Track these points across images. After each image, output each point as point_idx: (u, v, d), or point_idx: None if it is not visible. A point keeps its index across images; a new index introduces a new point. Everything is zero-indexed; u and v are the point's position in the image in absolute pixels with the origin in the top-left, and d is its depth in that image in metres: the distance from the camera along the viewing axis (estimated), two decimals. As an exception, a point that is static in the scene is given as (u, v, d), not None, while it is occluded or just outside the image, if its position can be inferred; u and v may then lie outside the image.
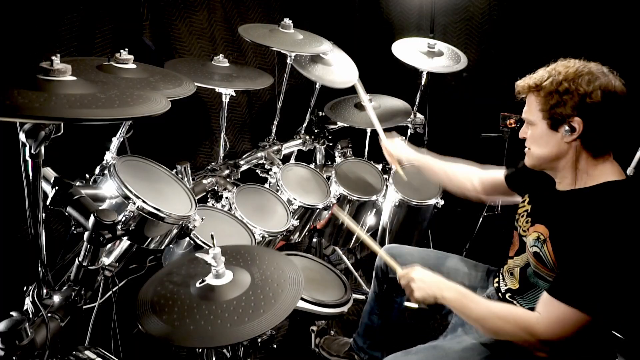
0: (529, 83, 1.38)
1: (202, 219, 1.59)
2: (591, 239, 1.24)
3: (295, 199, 2.15)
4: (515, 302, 1.52)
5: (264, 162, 2.46)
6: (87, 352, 1.36)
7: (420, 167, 1.92)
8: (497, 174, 1.79)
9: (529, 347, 1.31)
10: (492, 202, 1.86)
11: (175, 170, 1.84)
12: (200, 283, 1.24)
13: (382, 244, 2.32)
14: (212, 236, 1.25)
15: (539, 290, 1.43)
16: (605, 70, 1.33)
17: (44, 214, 1.22)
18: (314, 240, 2.72)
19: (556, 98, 1.30)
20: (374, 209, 2.47)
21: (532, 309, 1.43)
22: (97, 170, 1.65)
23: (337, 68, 2.57)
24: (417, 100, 2.74)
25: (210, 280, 1.24)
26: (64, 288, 1.34)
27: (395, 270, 1.62)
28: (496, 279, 1.66)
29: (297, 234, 2.26)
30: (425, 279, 1.50)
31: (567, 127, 1.30)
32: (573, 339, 1.26)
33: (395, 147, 2.05)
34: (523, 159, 1.56)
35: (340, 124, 2.76)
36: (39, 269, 1.26)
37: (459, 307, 1.43)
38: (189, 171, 1.96)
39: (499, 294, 1.60)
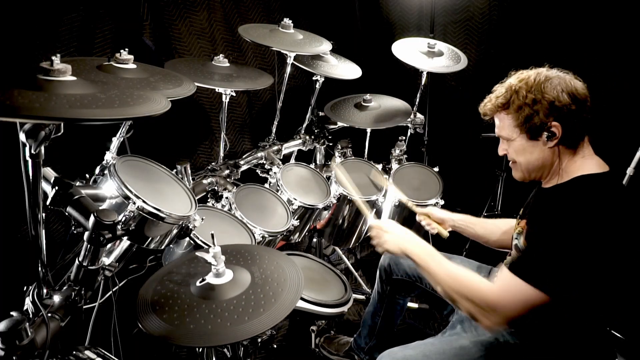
0: (495, 104, 1.42)
1: (202, 219, 1.59)
2: (554, 224, 1.27)
3: (295, 199, 2.15)
4: None
5: (264, 162, 2.46)
6: (87, 352, 1.36)
7: (459, 224, 1.89)
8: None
9: (478, 313, 1.30)
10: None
11: (175, 170, 1.84)
12: (200, 282, 1.24)
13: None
14: (212, 235, 1.25)
15: None
16: (557, 72, 1.37)
17: (44, 214, 1.21)
18: (314, 240, 2.72)
19: (527, 110, 1.34)
20: (374, 209, 2.47)
21: None
22: (97, 170, 1.65)
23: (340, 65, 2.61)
24: (417, 100, 2.74)
25: (210, 279, 1.24)
26: (64, 288, 1.33)
27: (366, 215, 1.64)
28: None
29: (297, 234, 2.26)
30: (396, 231, 1.54)
31: (547, 134, 1.34)
32: (526, 317, 1.26)
33: (432, 211, 1.97)
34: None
35: (340, 124, 2.76)
36: (39, 269, 1.26)
37: (423, 265, 1.44)
38: (189, 171, 1.96)
39: None
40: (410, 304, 2.56)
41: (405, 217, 2.44)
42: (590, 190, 1.31)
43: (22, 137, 1.07)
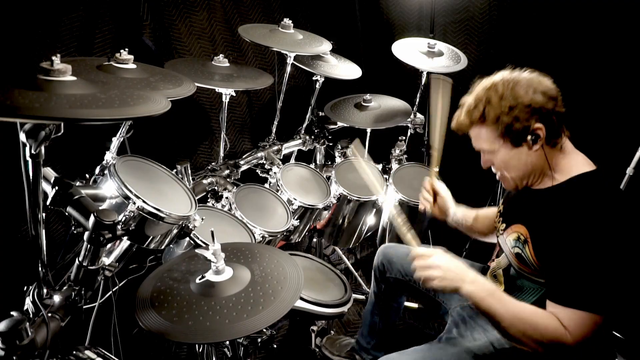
0: (470, 119, 1.37)
1: (202, 219, 1.59)
2: (583, 236, 1.22)
3: (295, 199, 2.15)
4: None
5: (264, 162, 2.46)
6: (88, 352, 1.36)
7: (461, 218, 1.80)
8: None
9: (545, 351, 1.23)
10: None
11: (175, 170, 1.84)
12: (200, 279, 1.24)
13: (382, 244, 2.33)
14: (212, 232, 1.25)
15: (526, 293, 1.42)
16: (522, 73, 1.34)
17: (44, 214, 1.21)
18: (314, 240, 2.72)
19: (506, 118, 1.30)
20: (374, 209, 2.47)
21: None
22: (97, 170, 1.65)
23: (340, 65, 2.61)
24: (417, 100, 2.74)
25: (210, 276, 1.24)
26: (64, 288, 1.34)
27: (412, 249, 1.35)
28: None
29: (297, 234, 2.26)
30: (449, 265, 1.29)
31: (531, 137, 1.30)
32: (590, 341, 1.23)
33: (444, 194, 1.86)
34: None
35: (340, 124, 2.76)
36: (39, 269, 1.26)
37: (484, 306, 1.26)
38: (189, 171, 1.96)
39: None
40: (409, 304, 2.57)
41: (405, 216, 2.44)
42: (597, 193, 1.28)
43: (22, 137, 1.07)
